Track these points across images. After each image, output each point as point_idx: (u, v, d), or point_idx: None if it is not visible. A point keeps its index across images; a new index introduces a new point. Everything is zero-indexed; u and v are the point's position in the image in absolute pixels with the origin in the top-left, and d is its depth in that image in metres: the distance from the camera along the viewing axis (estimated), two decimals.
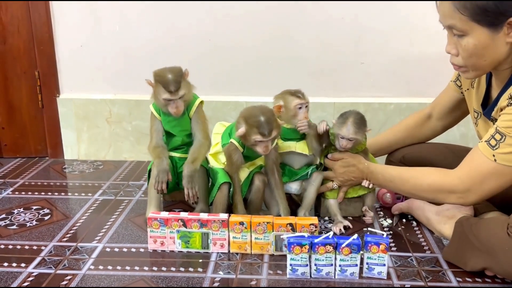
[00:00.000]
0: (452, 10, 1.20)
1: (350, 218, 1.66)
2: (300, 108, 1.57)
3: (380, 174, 1.54)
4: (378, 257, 1.31)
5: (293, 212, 1.64)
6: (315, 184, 1.63)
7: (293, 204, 1.69)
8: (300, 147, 1.61)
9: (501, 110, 1.27)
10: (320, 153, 1.65)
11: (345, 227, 1.59)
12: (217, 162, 1.65)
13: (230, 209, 1.59)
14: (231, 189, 1.57)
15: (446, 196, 1.36)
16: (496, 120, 1.30)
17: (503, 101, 1.25)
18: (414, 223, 1.64)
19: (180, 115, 1.56)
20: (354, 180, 1.61)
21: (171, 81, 1.50)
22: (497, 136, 1.24)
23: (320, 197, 1.69)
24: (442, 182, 1.35)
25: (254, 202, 1.61)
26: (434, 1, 1.26)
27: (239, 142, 1.55)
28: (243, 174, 1.61)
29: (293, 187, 1.66)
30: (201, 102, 1.62)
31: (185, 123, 1.61)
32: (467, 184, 1.30)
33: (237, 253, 1.45)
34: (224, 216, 1.45)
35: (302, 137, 1.62)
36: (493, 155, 1.24)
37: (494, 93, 1.35)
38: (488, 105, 1.38)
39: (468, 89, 1.50)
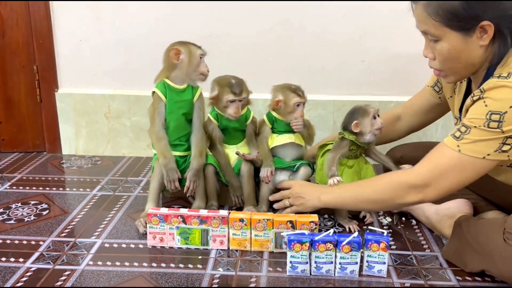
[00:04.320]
0: (425, 16, 1.23)
1: (350, 216, 1.65)
2: (298, 105, 1.60)
3: (338, 188, 1.48)
4: (378, 255, 1.31)
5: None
6: (304, 179, 1.64)
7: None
8: (297, 138, 1.65)
9: (467, 109, 1.27)
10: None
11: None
12: None
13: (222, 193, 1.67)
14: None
15: (405, 193, 1.30)
16: None
17: (468, 101, 1.26)
18: (414, 222, 1.64)
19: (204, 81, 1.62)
20: (305, 199, 1.52)
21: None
22: (462, 129, 1.23)
23: None
24: (401, 178, 1.32)
25: (244, 188, 1.66)
26: (410, 6, 1.29)
27: (214, 115, 1.66)
28: (232, 154, 1.69)
29: (281, 179, 1.66)
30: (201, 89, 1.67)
31: (189, 106, 1.62)
32: (426, 177, 1.27)
33: (236, 250, 1.45)
34: (224, 212, 1.45)
35: None
36: (457, 146, 1.22)
37: None
38: None
39: (451, 97, 1.51)
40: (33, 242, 1.49)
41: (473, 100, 1.23)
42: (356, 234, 1.31)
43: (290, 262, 1.32)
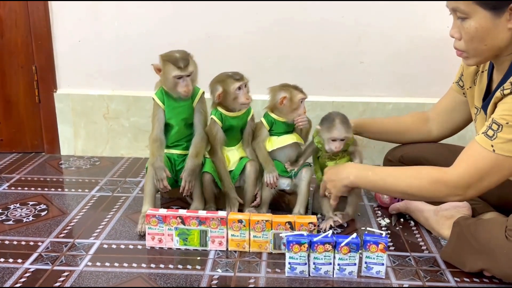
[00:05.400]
0: None
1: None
2: (301, 102, 1.62)
3: (370, 171, 1.45)
4: (377, 256, 1.31)
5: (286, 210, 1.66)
6: (306, 180, 1.64)
7: (283, 202, 1.70)
8: (297, 138, 1.66)
9: (496, 103, 1.26)
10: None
11: (339, 225, 1.60)
12: None
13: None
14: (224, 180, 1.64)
15: (447, 193, 1.30)
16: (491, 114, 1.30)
17: (497, 94, 1.25)
18: (412, 223, 1.64)
19: (189, 96, 1.58)
20: (336, 181, 1.52)
21: (180, 58, 1.53)
22: (494, 126, 1.22)
23: (314, 193, 1.71)
24: (442, 178, 1.30)
25: (248, 190, 1.65)
26: None
27: (218, 116, 1.62)
28: (232, 156, 1.67)
29: (284, 182, 1.66)
30: (203, 92, 1.65)
31: (188, 111, 1.62)
32: (466, 181, 1.26)
33: (235, 251, 1.45)
34: (223, 213, 1.45)
35: (292, 129, 1.66)
36: (492, 146, 1.22)
37: (494, 87, 1.36)
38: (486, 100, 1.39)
39: (470, 87, 1.51)
40: (31, 243, 1.49)
41: (503, 94, 1.22)
42: (354, 235, 1.31)
43: (289, 263, 1.32)
